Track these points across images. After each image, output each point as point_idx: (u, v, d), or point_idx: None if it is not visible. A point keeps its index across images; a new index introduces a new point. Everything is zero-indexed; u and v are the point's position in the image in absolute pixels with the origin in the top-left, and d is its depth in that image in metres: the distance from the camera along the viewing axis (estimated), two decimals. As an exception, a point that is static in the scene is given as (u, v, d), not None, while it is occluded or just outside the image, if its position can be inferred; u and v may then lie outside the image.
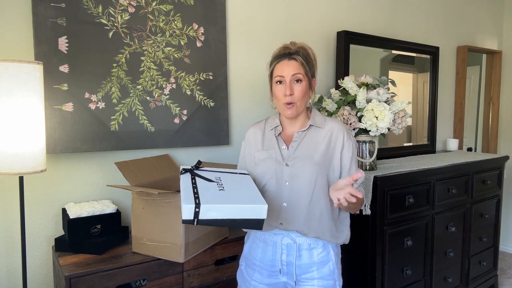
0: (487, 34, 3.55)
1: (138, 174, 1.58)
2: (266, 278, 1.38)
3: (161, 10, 1.78)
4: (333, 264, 1.36)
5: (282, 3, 2.19)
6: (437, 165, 2.30)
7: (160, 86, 1.80)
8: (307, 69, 1.31)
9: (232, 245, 1.64)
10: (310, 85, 1.35)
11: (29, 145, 1.28)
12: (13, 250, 1.56)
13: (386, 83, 2.17)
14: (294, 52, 1.31)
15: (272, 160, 1.36)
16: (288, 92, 1.30)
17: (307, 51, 1.34)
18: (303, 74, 1.31)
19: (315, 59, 1.37)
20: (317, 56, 1.37)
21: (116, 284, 1.39)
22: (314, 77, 1.37)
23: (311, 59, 1.34)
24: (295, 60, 1.30)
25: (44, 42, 1.52)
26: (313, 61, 1.35)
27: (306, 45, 1.36)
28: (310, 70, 1.33)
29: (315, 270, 1.34)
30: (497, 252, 2.84)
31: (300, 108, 1.34)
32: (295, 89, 1.30)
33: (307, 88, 1.33)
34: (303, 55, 1.32)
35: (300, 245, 1.34)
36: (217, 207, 1.03)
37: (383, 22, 2.70)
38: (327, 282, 1.34)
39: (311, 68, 1.34)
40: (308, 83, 1.33)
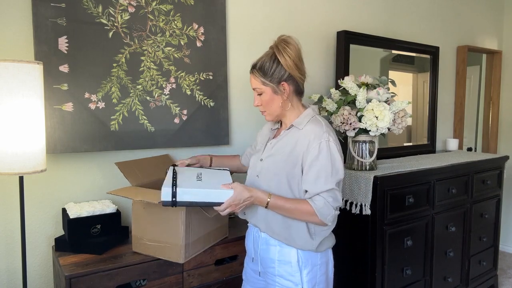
0: (487, 34, 3.55)
1: (138, 174, 1.58)
2: (249, 262, 1.51)
3: (161, 10, 1.78)
4: (296, 266, 1.34)
5: (282, 3, 2.19)
6: (437, 165, 2.30)
7: (160, 86, 1.80)
8: (263, 80, 1.33)
9: (232, 245, 1.64)
10: (275, 91, 1.34)
11: (29, 145, 1.28)
12: (13, 250, 1.56)
13: (386, 83, 2.17)
14: (254, 64, 1.37)
15: (258, 153, 1.47)
16: (254, 103, 1.40)
17: (271, 57, 1.33)
18: (260, 86, 1.35)
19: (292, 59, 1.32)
20: (317, 56, 1.36)
21: (116, 284, 1.38)
22: (283, 81, 1.33)
23: (276, 64, 1.32)
24: (251, 74, 1.38)
25: (44, 42, 1.52)
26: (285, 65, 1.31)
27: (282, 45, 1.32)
28: (271, 79, 1.33)
29: (276, 266, 1.37)
30: (497, 252, 2.84)
31: (273, 114, 1.39)
32: (260, 100, 1.38)
33: (270, 96, 1.35)
34: (261, 65, 1.34)
35: (263, 239, 1.40)
36: (191, 191, 1.24)
37: (383, 22, 2.70)
38: (286, 282, 1.35)
39: (275, 74, 1.32)
40: (272, 90, 1.34)
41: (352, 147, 2.10)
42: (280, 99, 1.36)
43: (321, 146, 1.29)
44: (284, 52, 1.32)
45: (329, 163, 1.28)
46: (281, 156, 1.35)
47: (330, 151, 1.29)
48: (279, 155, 1.36)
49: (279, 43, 1.34)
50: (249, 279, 1.52)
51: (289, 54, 1.32)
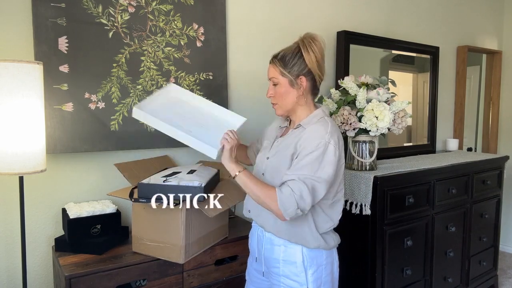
0: (487, 34, 3.55)
1: (138, 174, 1.58)
2: (253, 262, 1.49)
3: (161, 10, 1.78)
4: (301, 266, 1.33)
5: (282, 3, 2.19)
6: (437, 165, 2.30)
7: (160, 86, 1.80)
8: (282, 70, 1.32)
9: (232, 245, 1.64)
10: (292, 84, 1.33)
11: (29, 145, 1.28)
12: (13, 250, 1.56)
13: (386, 83, 2.17)
14: (276, 54, 1.36)
15: (264, 150, 1.45)
16: (267, 94, 1.39)
17: (295, 49, 1.32)
18: (277, 76, 1.34)
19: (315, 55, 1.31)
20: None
21: (116, 284, 1.38)
22: (302, 75, 1.32)
23: (298, 57, 1.31)
24: (271, 63, 1.36)
25: (44, 42, 1.52)
26: (307, 60, 1.31)
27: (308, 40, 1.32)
28: (290, 70, 1.32)
29: (280, 266, 1.36)
30: (497, 252, 2.84)
31: (284, 107, 1.37)
32: (273, 91, 1.37)
33: (286, 89, 1.34)
34: (284, 56, 1.33)
35: (267, 239, 1.39)
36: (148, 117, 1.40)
37: (383, 22, 2.70)
38: (292, 282, 1.34)
39: (295, 67, 1.31)
40: (289, 83, 1.33)
41: (352, 147, 2.10)
42: (295, 93, 1.34)
43: (318, 145, 1.25)
44: (309, 47, 1.30)
45: (317, 162, 1.24)
46: (285, 155, 1.33)
47: (325, 153, 1.25)
48: (283, 153, 1.34)
49: (306, 38, 1.32)
50: (252, 279, 1.51)
51: (314, 50, 1.31)
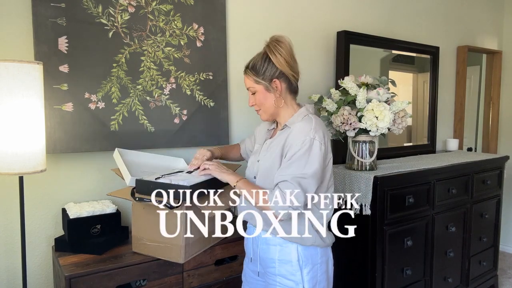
0: (487, 34, 3.55)
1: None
2: (249, 263, 1.50)
3: (161, 10, 1.78)
4: (296, 265, 1.34)
5: (282, 3, 2.19)
6: (437, 165, 2.30)
7: (160, 86, 1.80)
8: (255, 78, 1.36)
9: (232, 245, 1.64)
10: (268, 89, 1.36)
11: (29, 145, 1.28)
12: (13, 250, 1.56)
13: (386, 83, 2.17)
14: (247, 64, 1.40)
15: (255, 153, 1.48)
16: (249, 103, 1.43)
17: (263, 55, 1.35)
18: (253, 85, 1.38)
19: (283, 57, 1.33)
20: (317, 56, 1.36)
21: (116, 284, 1.38)
22: (275, 79, 1.35)
23: (267, 62, 1.34)
24: (245, 74, 1.40)
25: (44, 42, 1.52)
26: (276, 62, 1.33)
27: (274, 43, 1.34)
28: (263, 77, 1.35)
29: (276, 266, 1.37)
30: (497, 252, 2.84)
31: (268, 112, 1.41)
32: (254, 99, 1.40)
33: (263, 94, 1.37)
34: (253, 64, 1.37)
35: (263, 239, 1.40)
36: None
37: (383, 22, 2.70)
38: (287, 281, 1.35)
39: (267, 72, 1.35)
40: (265, 88, 1.36)
41: (352, 147, 2.10)
42: (273, 97, 1.37)
43: (304, 142, 1.27)
44: (275, 51, 1.33)
45: (304, 159, 1.26)
46: (273, 157, 1.35)
47: (311, 149, 1.27)
48: (272, 155, 1.36)
49: (271, 42, 1.36)
50: (248, 280, 1.51)
51: (280, 52, 1.33)
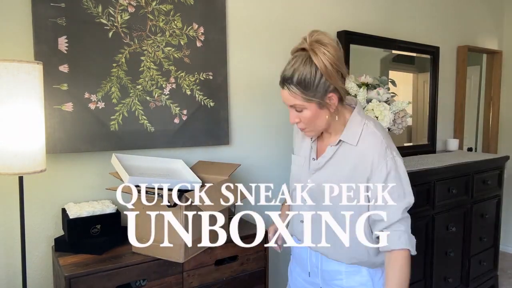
0: (487, 34, 3.55)
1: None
2: (303, 273, 1.36)
3: (161, 10, 1.77)
4: (367, 275, 1.21)
5: (282, 3, 2.19)
6: (437, 165, 2.30)
7: (160, 86, 1.80)
8: (306, 97, 1.08)
9: (232, 245, 1.64)
10: (321, 106, 1.11)
11: (29, 145, 1.28)
12: (13, 250, 1.55)
13: (386, 83, 2.17)
14: (288, 76, 1.09)
15: (301, 171, 1.28)
16: (291, 120, 1.16)
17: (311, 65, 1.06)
18: (302, 103, 1.10)
19: (332, 63, 1.06)
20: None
21: (116, 284, 1.38)
22: (330, 92, 1.09)
23: (318, 75, 1.06)
24: (286, 90, 1.10)
25: (44, 42, 1.51)
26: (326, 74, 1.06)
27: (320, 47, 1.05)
28: (315, 93, 1.08)
29: (344, 278, 1.23)
30: (497, 252, 2.84)
31: (317, 130, 1.18)
32: (300, 116, 1.14)
33: (315, 112, 1.11)
34: (300, 78, 1.06)
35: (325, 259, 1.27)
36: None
37: (383, 22, 2.70)
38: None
39: (319, 87, 1.07)
40: (318, 106, 1.10)
41: (352, 147, 2.09)
42: (326, 113, 1.13)
43: (388, 167, 1.12)
44: (322, 56, 1.05)
45: (399, 185, 1.12)
46: (337, 179, 1.16)
47: (397, 170, 1.13)
48: (334, 178, 1.17)
49: (314, 45, 1.06)
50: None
51: (329, 59, 1.05)
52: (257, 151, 2.16)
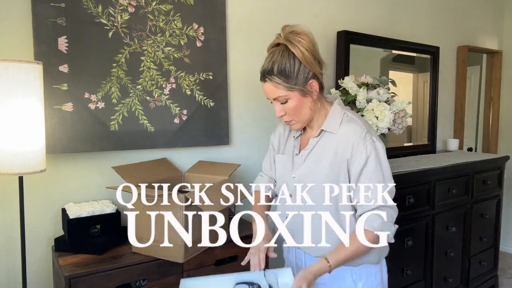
0: (487, 34, 3.55)
1: (137, 176, 1.58)
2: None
3: (161, 10, 1.77)
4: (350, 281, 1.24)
5: (282, 3, 2.19)
6: (437, 165, 2.30)
7: (160, 86, 1.80)
8: (288, 85, 1.11)
9: (232, 245, 1.64)
10: (304, 94, 1.14)
11: (29, 145, 1.28)
12: (13, 250, 1.55)
13: (386, 83, 2.17)
14: (268, 69, 1.12)
15: (283, 169, 1.32)
16: (276, 114, 1.18)
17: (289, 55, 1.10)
18: (285, 93, 1.13)
19: (310, 52, 1.10)
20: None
21: (116, 284, 1.38)
22: (311, 79, 1.13)
23: (297, 63, 1.10)
24: (268, 82, 1.13)
25: (44, 42, 1.51)
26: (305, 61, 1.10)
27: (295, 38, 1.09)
28: (296, 81, 1.11)
29: (327, 283, 1.25)
30: (497, 252, 2.84)
31: (303, 120, 1.20)
32: (284, 109, 1.17)
33: (299, 101, 1.15)
34: (280, 68, 1.10)
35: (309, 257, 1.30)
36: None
37: (383, 22, 2.70)
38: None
39: (299, 75, 1.11)
40: (300, 94, 1.14)
41: (352, 147, 2.09)
42: (309, 101, 1.16)
43: (368, 152, 1.13)
44: (299, 45, 1.09)
45: (379, 169, 1.13)
46: (319, 171, 1.18)
47: (377, 154, 1.14)
48: (316, 169, 1.20)
49: (289, 36, 1.10)
50: None
51: (305, 46, 1.09)
52: (257, 151, 2.16)
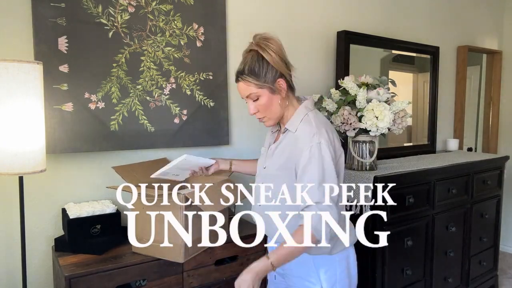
0: (487, 34, 3.55)
1: (137, 176, 1.58)
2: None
3: (161, 10, 1.77)
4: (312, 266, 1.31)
5: (282, 3, 2.19)
6: (437, 165, 2.30)
7: (160, 86, 1.80)
8: (258, 83, 1.24)
9: (232, 245, 1.64)
10: (273, 91, 1.26)
11: (29, 145, 1.28)
12: (13, 250, 1.55)
13: (386, 83, 2.17)
14: (240, 70, 1.26)
15: (261, 159, 1.44)
16: (250, 112, 1.31)
17: (258, 57, 1.24)
18: (256, 90, 1.25)
19: (277, 54, 1.24)
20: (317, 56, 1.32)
21: (116, 284, 1.38)
22: (279, 77, 1.26)
23: (265, 63, 1.23)
24: (241, 81, 1.27)
25: (44, 42, 1.51)
26: (273, 62, 1.23)
27: (264, 42, 1.24)
28: (266, 79, 1.24)
29: (293, 268, 1.34)
30: (497, 252, 2.84)
31: (274, 117, 1.31)
32: (257, 106, 1.28)
33: (269, 98, 1.26)
34: (250, 68, 1.24)
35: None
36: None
37: (383, 22, 2.70)
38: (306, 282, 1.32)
39: (268, 73, 1.24)
40: (270, 91, 1.26)
41: (352, 147, 2.09)
42: (278, 98, 1.28)
43: (311, 150, 1.20)
44: (268, 49, 1.23)
45: (320, 168, 1.18)
46: (279, 164, 1.30)
47: (321, 154, 1.20)
48: (277, 162, 1.31)
49: (260, 41, 1.25)
50: (272, 280, 1.49)
51: (274, 50, 1.23)
52: (257, 151, 2.15)
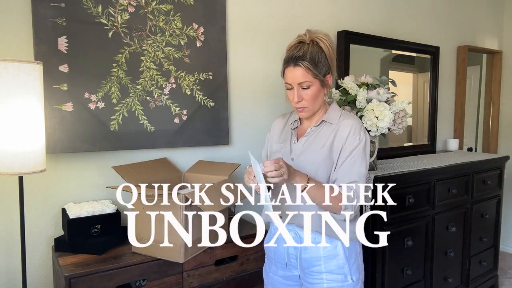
0: (487, 34, 3.55)
1: (137, 176, 1.58)
2: (280, 270, 1.44)
3: (161, 10, 1.77)
4: (343, 258, 1.33)
5: (282, 3, 2.19)
6: (437, 165, 2.30)
7: (160, 86, 1.80)
8: (315, 72, 1.27)
9: (232, 245, 1.64)
10: (323, 85, 1.31)
11: (29, 145, 1.28)
12: (13, 250, 1.55)
13: (386, 83, 2.17)
14: (300, 56, 1.26)
15: (281, 153, 1.41)
16: (296, 99, 1.31)
17: (319, 48, 1.28)
18: (311, 79, 1.27)
19: (332, 51, 1.30)
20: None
21: (116, 284, 1.38)
22: (329, 73, 1.32)
23: (323, 56, 1.28)
24: (300, 67, 1.27)
25: (44, 42, 1.51)
26: (328, 57, 1.29)
27: (322, 36, 1.29)
28: (321, 71, 1.28)
29: (322, 263, 1.34)
30: (497, 252, 2.84)
31: (313, 109, 1.34)
32: (304, 95, 1.30)
33: (318, 90, 1.30)
34: (312, 57, 1.26)
35: (304, 239, 1.35)
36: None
37: (383, 22, 2.70)
38: (336, 276, 1.33)
39: (323, 67, 1.28)
40: (320, 84, 1.30)
41: (352, 147, 2.09)
42: (323, 93, 1.33)
43: (361, 138, 1.30)
44: (327, 43, 1.27)
45: (364, 155, 1.30)
46: (318, 153, 1.32)
47: (366, 146, 1.31)
48: (315, 152, 1.33)
49: (317, 35, 1.28)
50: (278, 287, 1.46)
51: (331, 46, 1.29)
52: (257, 151, 2.15)
